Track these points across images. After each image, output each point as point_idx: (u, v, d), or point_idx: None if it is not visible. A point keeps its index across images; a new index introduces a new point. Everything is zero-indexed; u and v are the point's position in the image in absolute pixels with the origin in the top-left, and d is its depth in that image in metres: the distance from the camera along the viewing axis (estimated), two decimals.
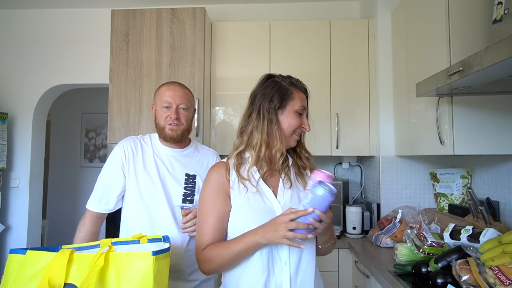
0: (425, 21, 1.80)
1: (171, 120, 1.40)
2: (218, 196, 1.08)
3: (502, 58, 0.91)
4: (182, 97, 1.43)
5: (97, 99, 4.29)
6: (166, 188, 1.40)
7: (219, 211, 1.07)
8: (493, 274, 1.13)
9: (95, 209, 1.40)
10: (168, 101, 1.40)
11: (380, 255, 1.86)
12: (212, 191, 1.09)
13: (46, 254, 0.99)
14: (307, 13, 2.89)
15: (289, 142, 1.12)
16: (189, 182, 1.43)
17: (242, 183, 1.07)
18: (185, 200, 1.40)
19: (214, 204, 1.08)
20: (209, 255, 1.04)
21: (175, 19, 2.34)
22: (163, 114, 1.41)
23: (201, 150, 1.55)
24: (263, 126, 1.08)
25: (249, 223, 1.02)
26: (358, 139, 2.48)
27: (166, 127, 1.41)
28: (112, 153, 1.44)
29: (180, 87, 1.45)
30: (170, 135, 1.41)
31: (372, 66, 2.48)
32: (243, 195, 1.06)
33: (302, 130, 1.13)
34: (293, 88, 1.12)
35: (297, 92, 1.12)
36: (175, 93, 1.42)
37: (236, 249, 1.00)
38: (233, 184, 1.08)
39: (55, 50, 2.92)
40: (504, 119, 1.53)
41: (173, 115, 1.40)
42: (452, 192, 2.07)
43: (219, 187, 1.09)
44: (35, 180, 2.95)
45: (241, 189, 1.07)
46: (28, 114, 2.91)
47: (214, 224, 1.06)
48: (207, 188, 1.11)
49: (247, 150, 1.12)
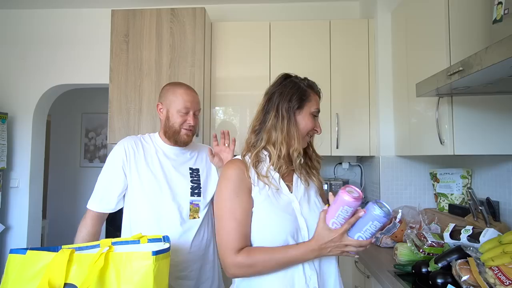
0: (425, 21, 1.80)
1: (189, 126, 1.42)
2: (243, 192, 1.04)
3: (502, 58, 0.91)
4: (198, 103, 1.48)
5: (97, 99, 4.29)
6: (171, 184, 1.40)
7: (246, 207, 1.03)
8: (493, 274, 1.13)
9: (96, 209, 1.40)
10: (188, 106, 1.42)
11: (380, 255, 1.86)
12: (235, 187, 1.04)
13: (46, 254, 0.99)
14: (307, 13, 2.89)
15: (303, 143, 1.12)
16: (194, 176, 1.46)
17: (261, 180, 1.06)
18: (193, 194, 1.42)
19: (240, 201, 1.03)
20: (251, 261, 0.98)
21: (175, 19, 2.34)
22: (179, 118, 1.42)
23: (197, 146, 1.59)
24: (283, 125, 1.07)
25: (272, 219, 1.03)
26: (358, 139, 2.48)
27: (182, 132, 1.42)
28: (112, 152, 1.43)
29: (195, 93, 1.49)
30: (186, 140, 1.44)
31: (372, 66, 2.48)
32: (264, 192, 1.05)
33: (315, 132, 1.14)
34: (310, 90, 1.13)
35: (313, 94, 1.13)
36: (194, 99, 1.45)
37: (284, 260, 0.98)
38: (253, 180, 1.06)
39: (55, 50, 2.92)
40: (504, 119, 1.53)
41: (192, 122, 1.43)
42: (452, 192, 2.07)
43: (242, 183, 1.04)
44: (35, 180, 2.95)
45: (261, 186, 1.05)
46: (28, 114, 2.91)
47: (241, 221, 1.01)
48: (229, 185, 1.05)
49: (264, 148, 1.11)
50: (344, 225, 0.94)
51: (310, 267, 1.03)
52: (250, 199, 1.04)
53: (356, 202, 0.92)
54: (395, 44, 2.30)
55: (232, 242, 0.99)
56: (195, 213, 1.41)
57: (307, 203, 1.11)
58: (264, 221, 1.03)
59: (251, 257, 0.98)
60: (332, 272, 1.08)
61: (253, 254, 0.98)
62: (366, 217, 0.93)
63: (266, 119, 1.10)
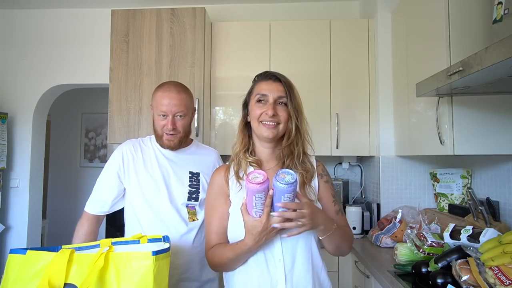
0: (425, 21, 1.80)
1: (168, 130, 1.37)
2: (219, 198, 1.14)
3: (502, 58, 0.91)
4: (179, 104, 1.36)
5: (97, 99, 4.29)
6: (169, 188, 1.40)
7: (220, 212, 1.12)
8: (493, 274, 1.13)
9: (91, 212, 1.41)
10: (163, 110, 1.35)
11: (380, 255, 1.86)
12: (214, 194, 1.16)
13: (46, 254, 0.99)
14: (307, 13, 2.89)
15: (261, 132, 1.09)
16: (193, 180, 1.44)
17: (240, 183, 1.11)
18: (191, 198, 1.41)
19: (216, 206, 1.14)
20: (214, 257, 1.10)
21: (175, 19, 2.34)
22: (160, 122, 1.38)
23: (202, 149, 1.55)
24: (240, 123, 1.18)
25: (238, 219, 1.03)
26: (358, 139, 2.48)
27: (163, 136, 1.39)
28: (111, 156, 1.45)
29: (176, 93, 1.37)
30: (168, 145, 1.40)
31: (372, 66, 2.48)
32: (240, 194, 1.08)
33: (266, 116, 1.09)
34: (254, 84, 1.16)
35: (258, 82, 1.15)
36: (171, 101, 1.35)
37: (230, 256, 1.05)
38: (232, 184, 1.13)
39: (55, 50, 2.93)
40: (504, 119, 1.53)
41: (169, 126, 1.35)
42: (452, 192, 2.07)
43: (219, 189, 1.15)
44: (35, 180, 2.95)
45: (237, 187, 1.11)
46: (28, 114, 2.91)
47: (217, 225, 1.12)
48: (210, 191, 1.18)
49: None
50: (265, 210, 0.94)
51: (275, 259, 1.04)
52: (226, 203, 1.12)
53: (263, 186, 0.92)
54: (395, 44, 2.30)
55: (208, 240, 1.13)
56: (193, 215, 1.41)
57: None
58: (238, 222, 1.03)
59: (212, 252, 1.10)
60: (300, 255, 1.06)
61: (214, 250, 1.10)
62: (277, 193, 0.93)
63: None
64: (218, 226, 1.12)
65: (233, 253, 1.03)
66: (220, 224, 1.11)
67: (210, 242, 1.12)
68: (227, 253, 1.05)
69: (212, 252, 1.10)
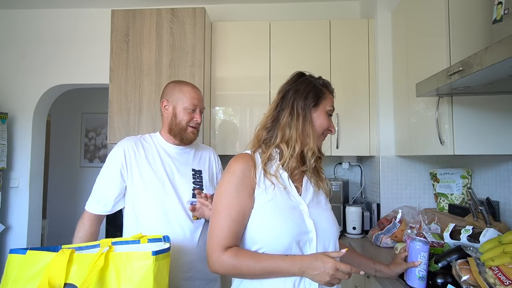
0: (425, 21, 1.80)
1: (196, 123, 1.44)
2: (244, 190, 0.99)
3: (502, 58, 0.91)
4: (203, 101, 1.50)
5: (97, 99, 4.29)
6: (175, 184, 1.39)
7: (243, 206, 0.99)
8: (493, 274, 1.13)
9: (93, 211, 1.38)
10: (195, 104, 1.44)
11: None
12: (238, 183, 1.00)
13: (46, 254, 0.99)
14: (307, 13, 2.89)
15: (318, 142, 1.10)
16: (196, 177, 1.45)
17: (268, 179, 1.02)
18: (195, 195, 1.40)
19: (239, 198, 0.99)
20: (236, 263, 0.95)
21: (175, 19, 2.34)
22: (186, 115, 1.43)
23: (201, 147, 1.58)
24: (297, 123, 1.04)
25: (277, 220, 0.98)
26: (358, 139, 2.48)
27: (188, 129, 1.43)
28: (112, 154, 1.41)
29: (200, 91, 1.50)
30: (192, 138, 1.45)
31: (372, 66, 2.48)
32: (270, 192, 1.01)
33: (329, 132, 1.12)
34: (325, 89, 1.12)
35: (328, 93, 1.13)
36: (200, 97, 1.47)
37: (269, 269, 0.94)
38: (259, 179, 1.01)
39: (55, 50, 2.93)
40: (504, 119, 1.53)
41: (199, 119, 1.45)
42: (452, 192, 2.07)
43: (246, 180, 1.00)
44: (35, 180, 2.95)
45: (267, 185, 1.01)
46: (28, 114, 2.91)
47: (236, 220, 0.97)
48: (232, 179, 1.01)
49: (277, 146, 1.07)
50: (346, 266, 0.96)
51: None
52: (250, 198, 0.99)
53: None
54: (395, 44, 2.30)
55: (222, 239, 0.96)
56: None
57: (316, 207, 1.07)
58: (269, 222, 0.98)
59: (237, 258, 0.95)
60: None
61: (240, 256, 0.95)
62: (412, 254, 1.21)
63: (280, 116, 1.07)
64: (237, 222, 0.97)
65: (273, 265, 0.93)
66: (240, 220, 0.98)
67: (221, 240, 0.96)
68: (264, 263, 0.94)
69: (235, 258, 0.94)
